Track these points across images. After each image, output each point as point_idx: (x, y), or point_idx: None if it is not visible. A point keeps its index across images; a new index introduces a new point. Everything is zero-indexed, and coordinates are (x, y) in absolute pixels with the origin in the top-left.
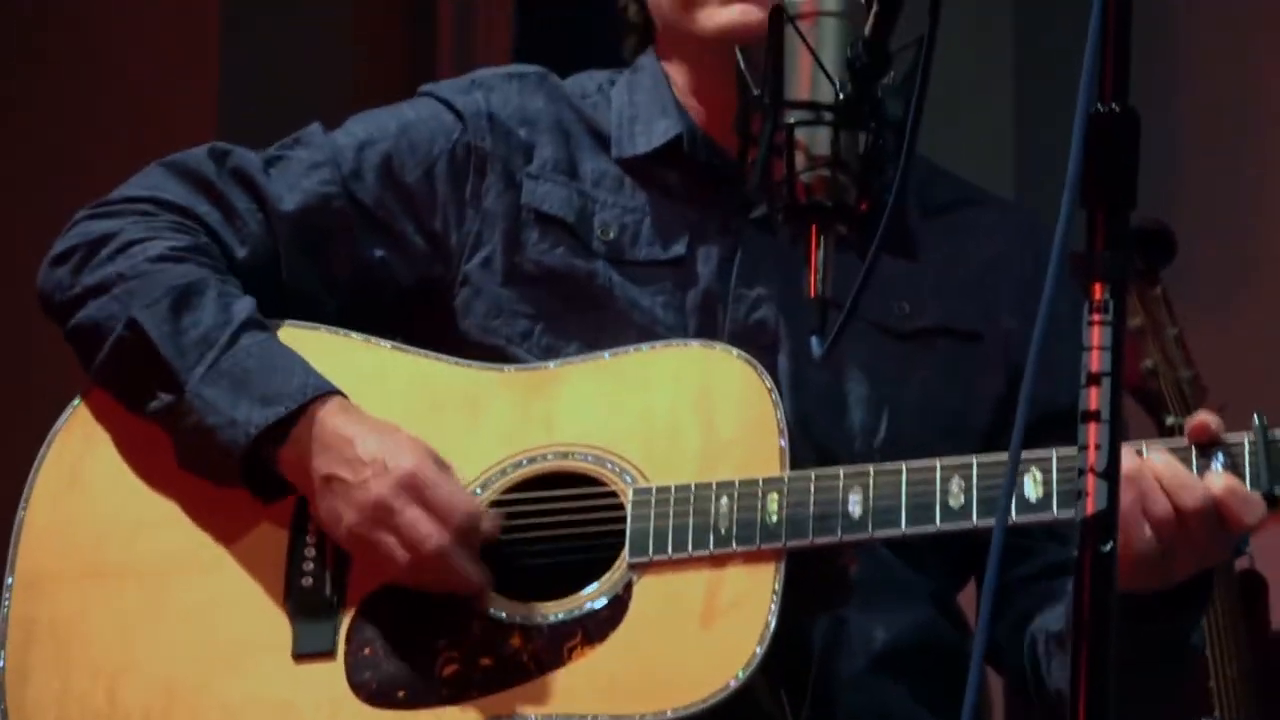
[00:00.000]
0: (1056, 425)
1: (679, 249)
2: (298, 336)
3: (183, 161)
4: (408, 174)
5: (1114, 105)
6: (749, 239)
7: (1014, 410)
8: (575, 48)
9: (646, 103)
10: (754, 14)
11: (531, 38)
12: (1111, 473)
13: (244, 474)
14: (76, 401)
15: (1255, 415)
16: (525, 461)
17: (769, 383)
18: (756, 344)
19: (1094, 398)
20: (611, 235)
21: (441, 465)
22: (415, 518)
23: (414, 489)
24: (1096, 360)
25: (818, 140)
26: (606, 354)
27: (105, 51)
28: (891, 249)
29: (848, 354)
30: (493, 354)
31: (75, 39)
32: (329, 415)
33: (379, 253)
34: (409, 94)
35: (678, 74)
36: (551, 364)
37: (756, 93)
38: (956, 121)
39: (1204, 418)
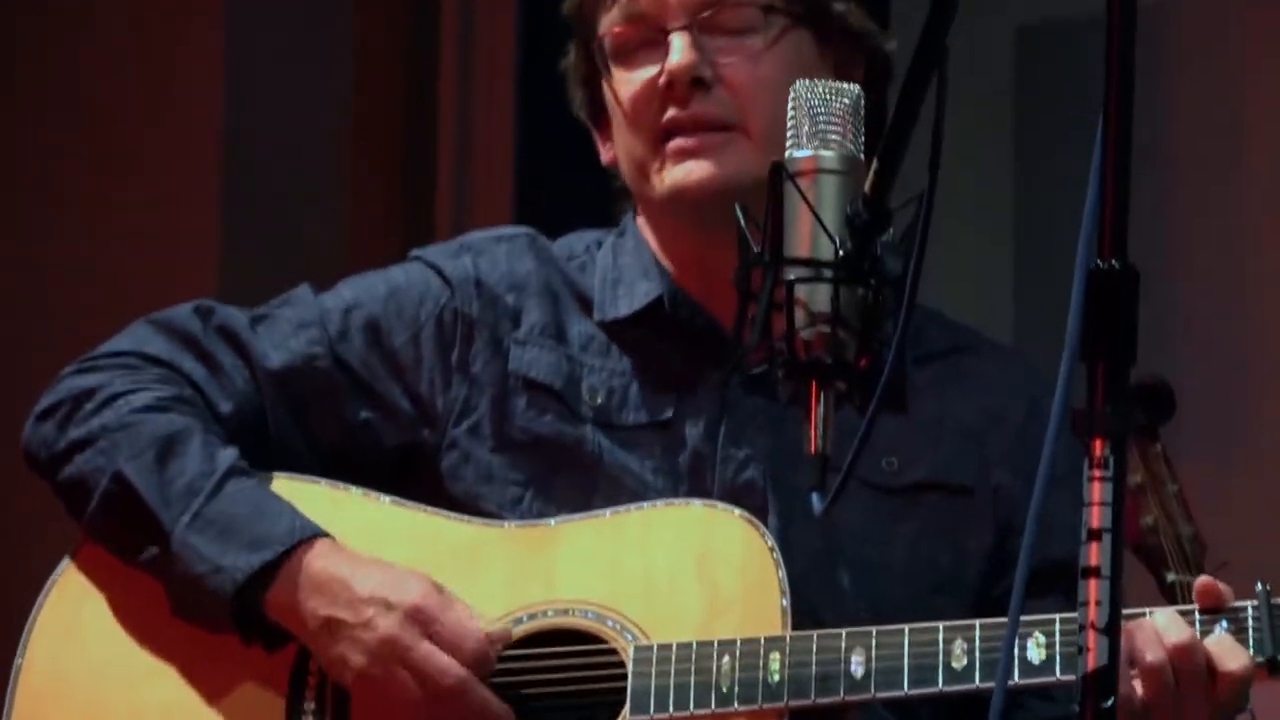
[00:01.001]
0: (1051, 579)
1: (666, 412)
2: (295, 489)
3: (168, 318)
4: (394, 338)
5: (1114, 262)
6: (735, 399)
7: (1004, 564)
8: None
9: (629, 265)
10: (695, 171)
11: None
12: (1112, 629)
13: (236, 621)
14: (67, 560)
15: (1258, 583)
16: (525, 618)
17: (770, 542)
18: (745, 504)
19: (1094, 553)
20: (599, 400)
21: (444, 593)
22: (428, 652)
23: (422, 622)
24: (1097, 516)
25: (818, 297)
26: (607, 512)
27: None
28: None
29: (836, 511)
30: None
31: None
32: (318, 557)
33: (364, 415)
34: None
35: (653, 236)
36: (552, 521)
37: (757, 249)
38: (956, 276)
39: (1212, 581)
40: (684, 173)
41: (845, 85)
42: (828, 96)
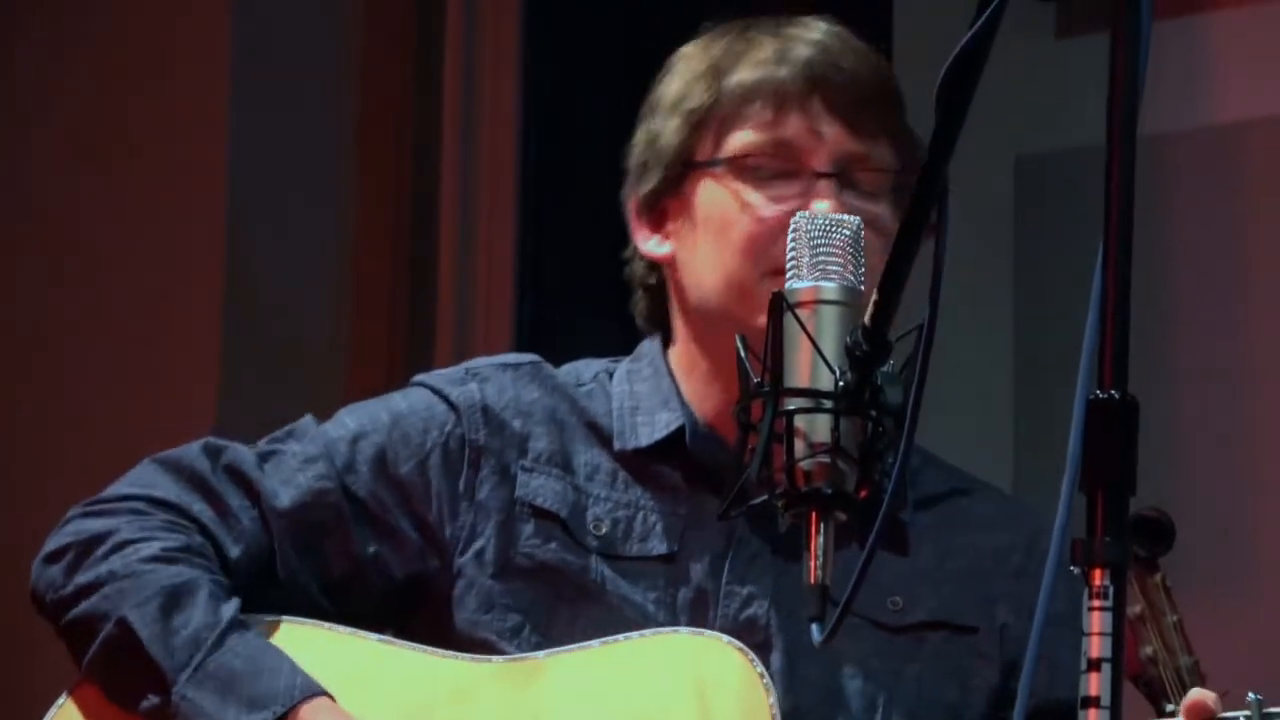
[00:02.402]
0: (1057, 718)
1: (671, 545)
2: (287, 633)
3: (176, 458)
4: (401, 467)
5: (1113, 392)
6: (741, 535)
7: (1010, 702)
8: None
9: (648, 393)
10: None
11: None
12: None
13: None
14: (63, 699)
15: (1250, 695)
16: None
17: (760, 668)
18: (748, 641)
19: (1094, 683)
20: (604, 530)
21: None
22: None
23: None
24: (1096, 646)
25: (817, 427)
26: (596, 643)
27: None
28: (883, 543)
29: (842, 649)
30: (482, 648)
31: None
32: (315, 715)
33: (373, 548)
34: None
35: (694, 362)
36: (540, 654)
37: (757, 380)
38: (955, 407)
39: (1200, 696)
40: None
41: (845, 218)
42: (828, 228)
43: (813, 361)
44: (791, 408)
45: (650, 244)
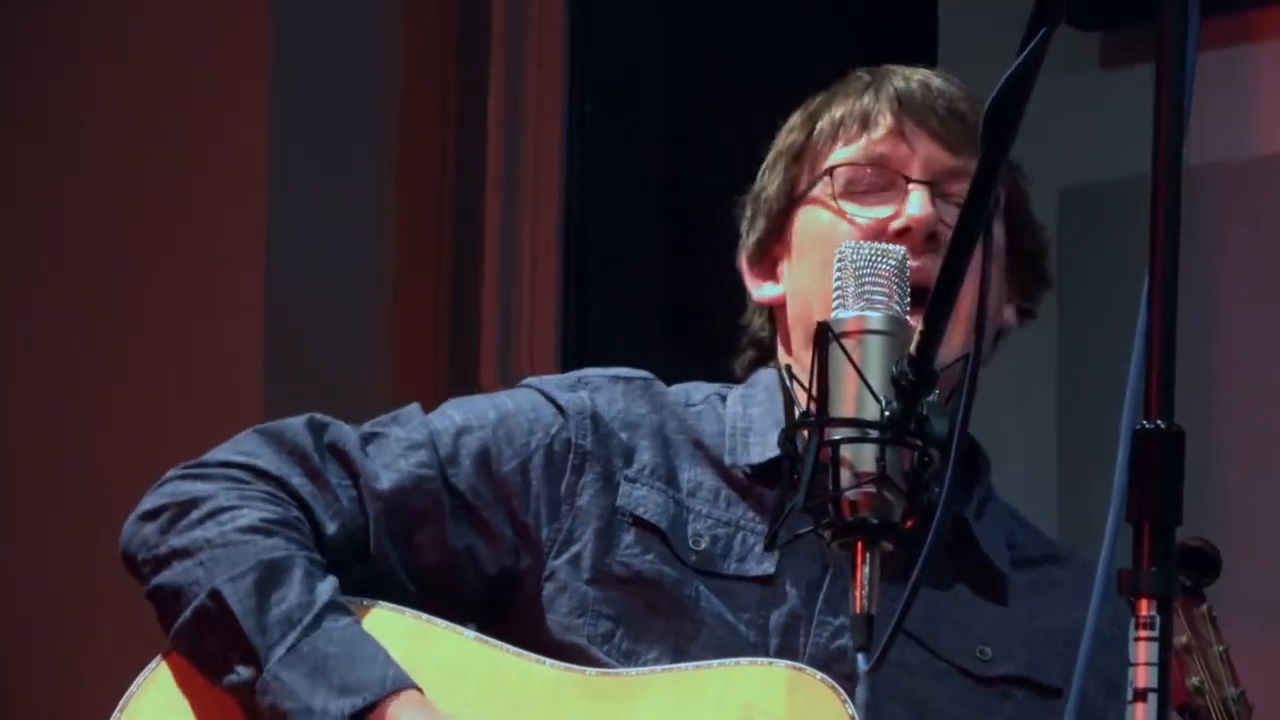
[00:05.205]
0: None
1: (768, 567)
2: (381, 619)
3: (280, 430)
4: (503, 465)
5: (1159, 422)
6: (838, 565)
7: None
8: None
9: (760, 415)
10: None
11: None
12: None
13: None
14: (155, 663)
15: None
16: None
17: (851, 710)
18: (836, 672)
19: (1140, 714)
20: (703, 546)
21: None
22: None
23: None
24: (1143, 676)
25: (863, 457)
26: (689, 666)
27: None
28: (980, 591)
29: (929, 692)
30: (571, 652)
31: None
32: (403, 709)
33: (467, 540)
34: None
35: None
36: (634, 671)
37: (802, 409)
38: (999, 435)
39: None
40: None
41: (891, 247)
42: (874, 258)
43: (858, 391)
44: (837, 437)
45: (763, 290)
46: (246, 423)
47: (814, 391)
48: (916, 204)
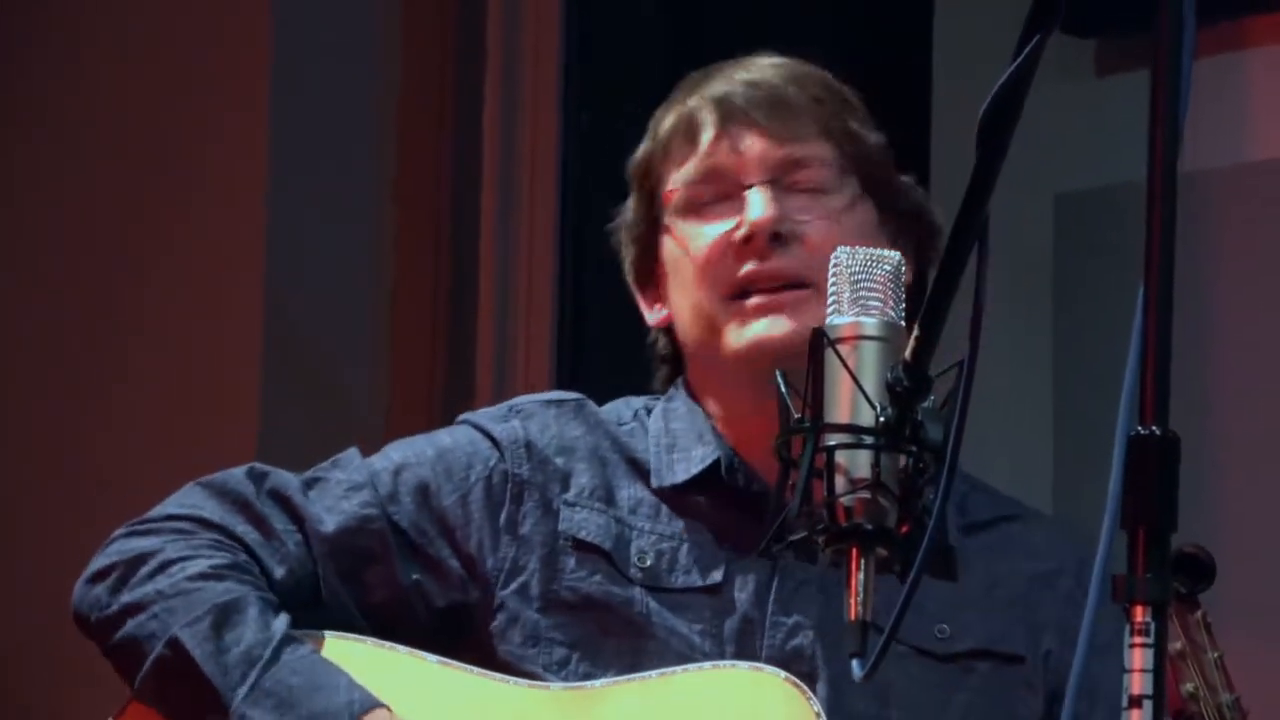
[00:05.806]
0: None
1: (716, 576)
2: (344, 649)
3: (221, 481)
4: (443, 499)
5: (1154, 428)
6: (786, 565)
7: None
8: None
9: (682, 430)
10: (776, 327)
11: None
12: None
13: None
14: None
15: None
16: None
17: (817, 707)
18: (794, 671)
19: None
20: (648, 562)
21: None
22: None
23: None
24: (1138, 683)
25: (858, 463)
26: (653, 674)
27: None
28: (930, 570)
29: (889, 678)
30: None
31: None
32: None
33: (415, 576)
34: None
35: (711, 404)
36: (597, 683)
37: (797, 416)
38: (995, 442)
39: None
40: (765, 328)
41: (886, 252)
42: (868, 263)
43: (853, 397)
44: (832, 443)
45: (653, 314)
46: (245, 423)
47: (809, 398)
48: (756, 207)
